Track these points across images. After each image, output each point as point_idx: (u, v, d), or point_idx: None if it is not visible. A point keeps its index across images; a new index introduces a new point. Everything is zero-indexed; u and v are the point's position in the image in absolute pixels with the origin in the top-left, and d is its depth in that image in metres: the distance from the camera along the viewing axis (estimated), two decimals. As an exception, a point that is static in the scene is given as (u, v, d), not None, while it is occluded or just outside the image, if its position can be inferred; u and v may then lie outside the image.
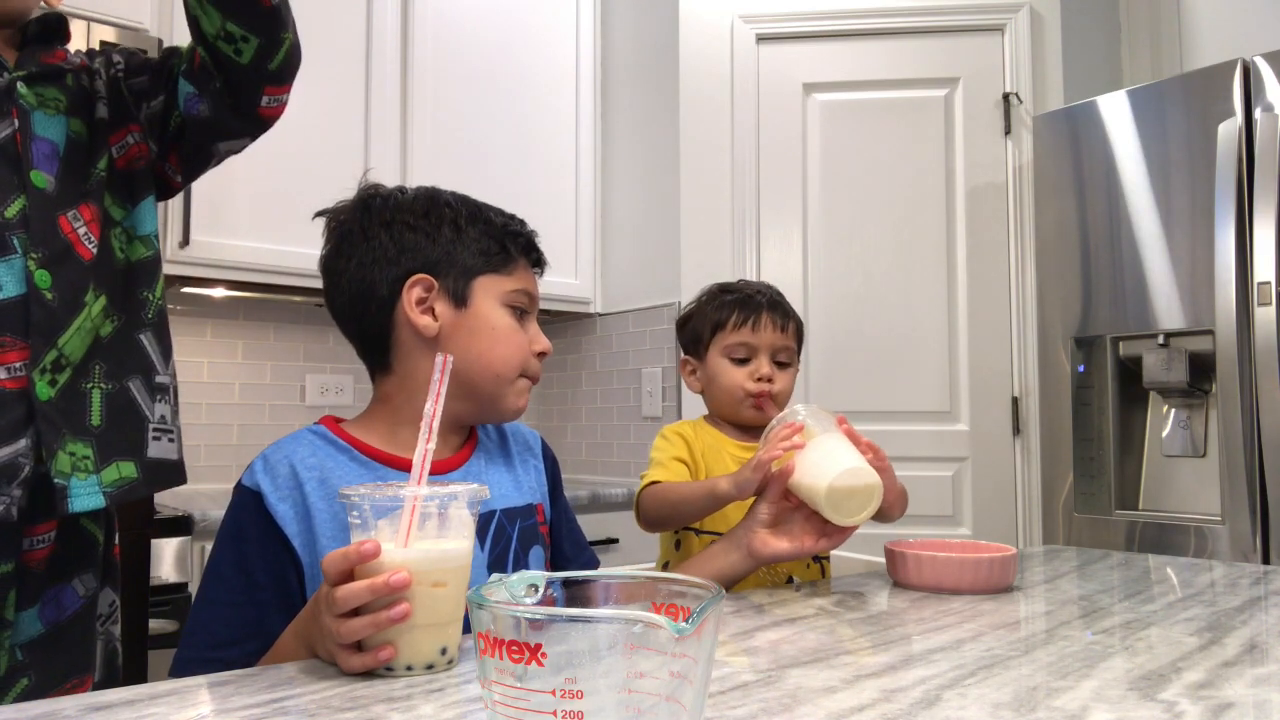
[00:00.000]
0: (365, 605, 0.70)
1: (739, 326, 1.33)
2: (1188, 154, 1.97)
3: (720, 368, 1.35)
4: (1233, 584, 1.13)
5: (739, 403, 1.34)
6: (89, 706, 0.64)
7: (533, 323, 1.04)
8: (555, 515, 1.11)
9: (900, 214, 2.53)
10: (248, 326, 2.53)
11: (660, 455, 1.33)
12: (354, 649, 0.71)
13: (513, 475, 1.06)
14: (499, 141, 2.62)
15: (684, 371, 1.43)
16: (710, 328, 1.36)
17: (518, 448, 1.10)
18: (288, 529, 0.90)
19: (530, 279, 1.04)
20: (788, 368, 1.37)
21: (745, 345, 1.33)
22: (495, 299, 1.00)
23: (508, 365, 0.99)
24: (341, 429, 0.98)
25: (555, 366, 3.05)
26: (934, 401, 2.47)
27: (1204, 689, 0.66)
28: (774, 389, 1.33)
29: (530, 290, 1.03)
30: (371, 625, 0.69)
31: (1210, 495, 1.95)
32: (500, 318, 1.00)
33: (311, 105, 2.30)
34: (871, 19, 2.55)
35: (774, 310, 1.35)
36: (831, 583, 1.15)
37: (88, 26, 1.92)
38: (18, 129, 1.03)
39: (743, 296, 1.36)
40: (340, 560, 0.71)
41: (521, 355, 1.00)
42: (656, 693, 0.45)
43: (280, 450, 0.94)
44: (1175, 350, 1.99)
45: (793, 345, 1.37)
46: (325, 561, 0.72)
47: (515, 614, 0.45)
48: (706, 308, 1.39)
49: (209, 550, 1.81)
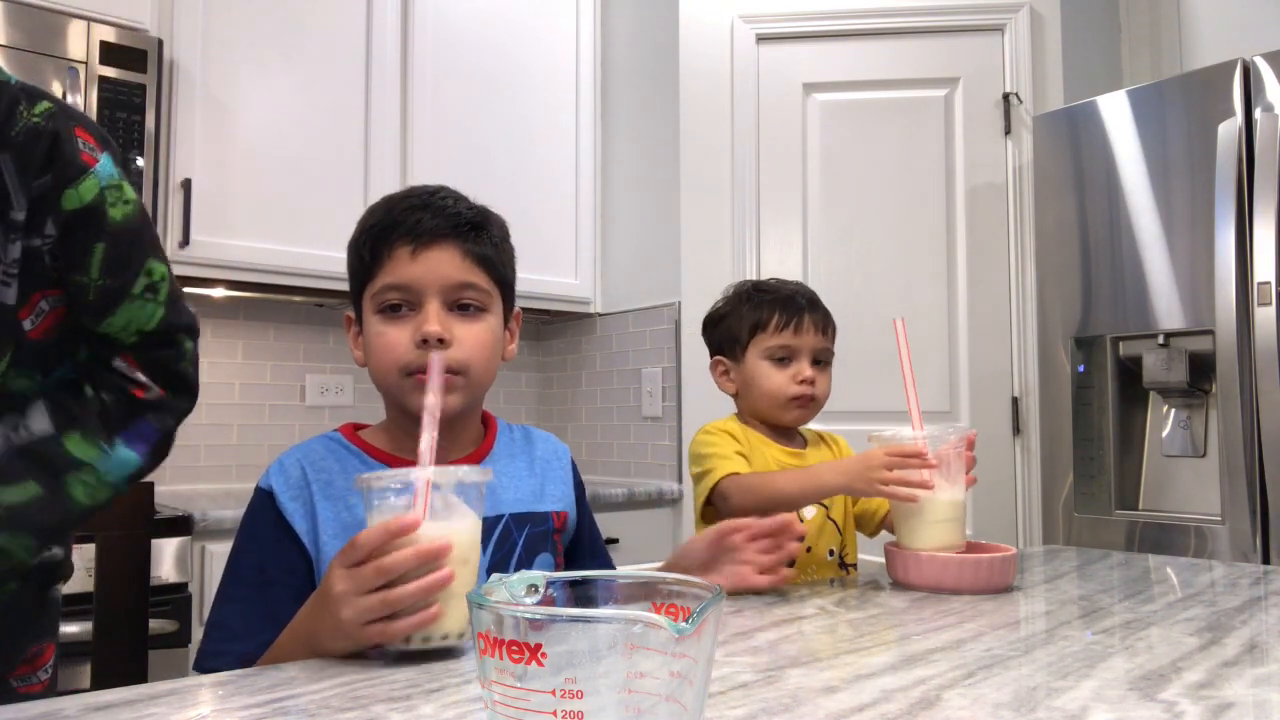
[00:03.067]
0: (399, 579, 0.74)
1: (781, 329, 1.32)
2: (1188, 154, 1.97)
3: (760, 370, 1.33)
4: (1233, 584, 1.13)
5: (781, 406, 1.32)
6: (89, 706, 0.64)
7: (422, 311, 0.93)
8: (579, 527, 1.11)
9: (900, 214, 2.52)
10: (248, 326, 2.53)
11: (721, 449, 1.29)
12: (386, 621, 0.74)
13: (532, 481, 1.06)
14: (499, 141, 2.62)
15: (716, 373, 1.40)
16: (749, 329, 1.34)
17: (545, 456, 1.10)
18: (297, 526, 0.93)
19: (398, 266, 0.94)
20: (826, 368, 1.36)
21: (787, 347, 1.32)
22: (369, 310, 0.97)
23: (382, 371, 0.96)
24: (357, 435, 1.01)
25: (555, 367, 3.06)
26: (934, 401, 2.47)
27: (1204, 689, 0.66)
28: (815, 391, 1.32)
29: (394, 280, 0.94)
30: (420, 590, 0.73)
31: (1210, 495, 1.94)
32: (371, 325, 0.96)
33: (311, 105, 2.31)
34: (871, 19, 2.55)
35: (814, 311, 1.35)
36: (832, 583, 1.15)
37: (88, 26, 1.92)
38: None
39: (782, 297, 1.35)
40: (381, 534, 0.74)
41: (391, 356, 0.94)
42: (656, 693, 0.45)
43: (295, 453, 0.98)
44: (1175, 350, 1.99)
45: (831, 346, 1.37)
46: (362, 537, 0.75)
47: (515, 614, 0.45)
48: (743, 308, 1.36)
49: (209, 550, 1.82)
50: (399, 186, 2.39)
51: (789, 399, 1.31)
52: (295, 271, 2.25)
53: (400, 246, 0.94)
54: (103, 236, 0.82)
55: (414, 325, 0.93)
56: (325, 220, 2.30)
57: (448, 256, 0.94)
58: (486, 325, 0.98)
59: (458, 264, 0.95)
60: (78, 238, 0.80)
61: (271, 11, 2.24)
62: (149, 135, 1.99)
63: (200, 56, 2.13)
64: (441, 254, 0.94)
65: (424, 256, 0.93)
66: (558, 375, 3.04)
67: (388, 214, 0.96)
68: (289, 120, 2.27)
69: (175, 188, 2.08)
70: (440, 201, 0.96)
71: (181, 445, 2.39)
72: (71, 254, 0.81)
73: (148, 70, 1.99)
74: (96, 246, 0.82)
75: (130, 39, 1.98)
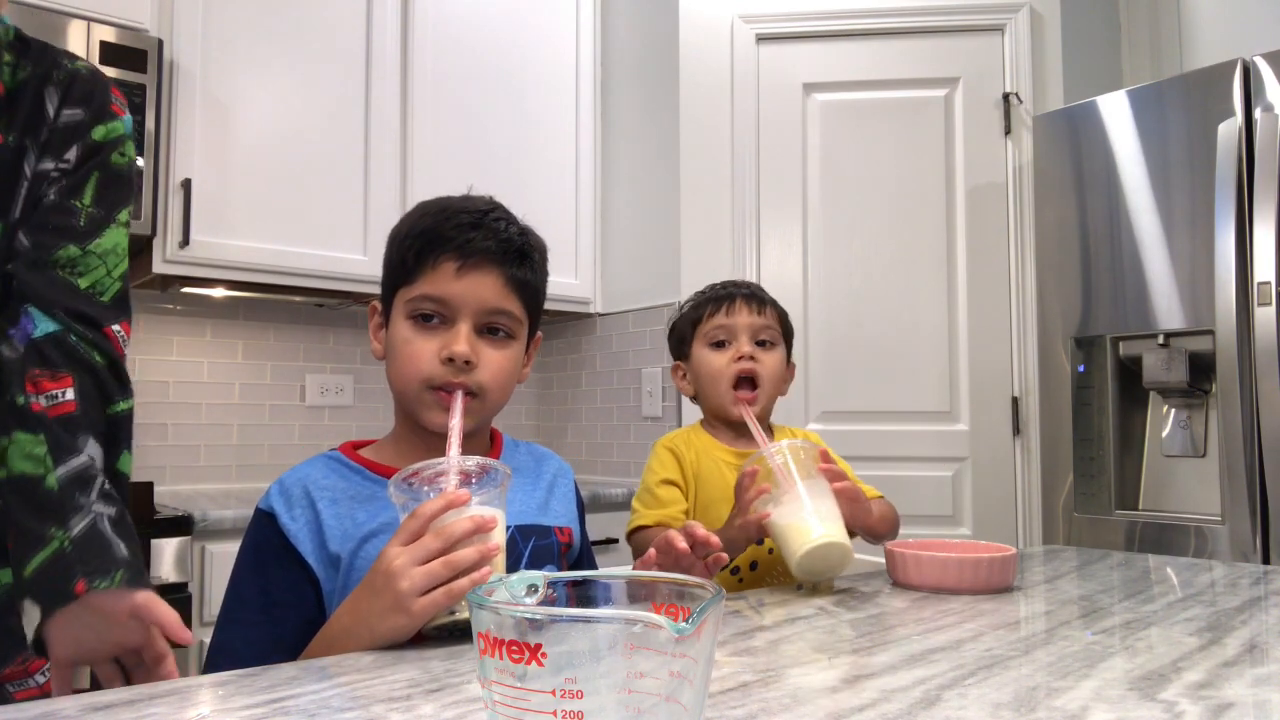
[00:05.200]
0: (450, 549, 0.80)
1: (714, 314, 1.35)
2: (1188, 154, 1.97)
3: (703, 357, 1.36)
4: (1233, 584, 1.13)
5: (725, 391, 1.33)
6: (89, 706, 0.64)
7: (454, 328, 0.95)
8: (581, 548, 1.12)
9: (900, 214, 2.52)
10: (248, 326, 2.53)
11: (650, 479, 1.34)
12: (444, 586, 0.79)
13: (538, 495, 1.07)
14: (499, 142, 2.62)
15: (675, 377, 1.44)
16: (691, 325, 1.38)
17: (549, 473, 1.11)
18: (301, 547, 0.92)
19: (440, 279, 0.94)
20: (773, 349, 1.36)
21: (723, 328, 1.34)
22: (401, 313, 0.97)
23: (403, 380, 0.96)
24: (356, 454, 1.01)
25: (555, 367, 3.06)
26: (934, 401, 2.47)
27: (1204, 689, 0.66)
28: (757, 367, 1.32)
29: (434, 292, 0.94)
30: (478, 554, 0.80)
31: (1210, 495, 1.94)
32: (400, 331, 0.96)
33: (311, 105, 2.31)
34: (871, 19, 2.55)
35: (748, 293, 1.37)
36: (832, 582, 1.15)
37: (88, 26, 1.92)
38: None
39: (717, 290, 1.39)
40: (441, 502, 0.81)
41: (416, 368, 0.94)
42: (656, 693, 0.45)
43: (294, 474, 0.97)
44: (1175, 350, 1.99)
45: (774, 326, 1.37)
46: (423, 507, 0.81)
47: (515, 614, 0.45)
48: (687, 309, 1.41)
49: (209, 550, 1.82)
50: (399, 186, 2.43)
51: (731, 379, 1.32)
52: (295, 271, 2.25)
53: (446, 261, 0.94)
54: (104, 171, 0.94)
55: (442, 341, 0.94)
56: (325, 220, 2.30)
57: (490, 280, 0.96)
58: (511, 353, 0.99)
59: (498, 290, 0.96)
60: (87, 166, 0.92)
61: (271, 11, 2.24)
62: (149, 135, 2.00)
63: (200, 56, 2.13)
64: (484, 277, 0.95)
65: (467, 277, 0.95)
66: (558, 375, 3.04)
67: (439, 223, 0.96)
68: (289, 120, 2.27)
69: (175, 188, 2.08)
70: (493, 223, 0.97)
71: (181, 445, 2.41)
72: (76, 180, 0.92)
73: (148, 70, 1.99)
74: (94, 175, 0.93)
75: (130, 39, 1.98)
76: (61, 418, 0.83)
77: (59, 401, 0.84)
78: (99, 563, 0.72)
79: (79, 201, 0.92)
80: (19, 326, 0.88)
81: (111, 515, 0.79)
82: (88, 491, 0.79)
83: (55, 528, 0.75)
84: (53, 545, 0.74)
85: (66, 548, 0.72)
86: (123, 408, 0.90)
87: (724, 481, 1.33)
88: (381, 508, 0.93)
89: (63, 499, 0.77)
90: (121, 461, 0.89)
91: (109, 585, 0.70)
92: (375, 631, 0.80)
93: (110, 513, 0.79)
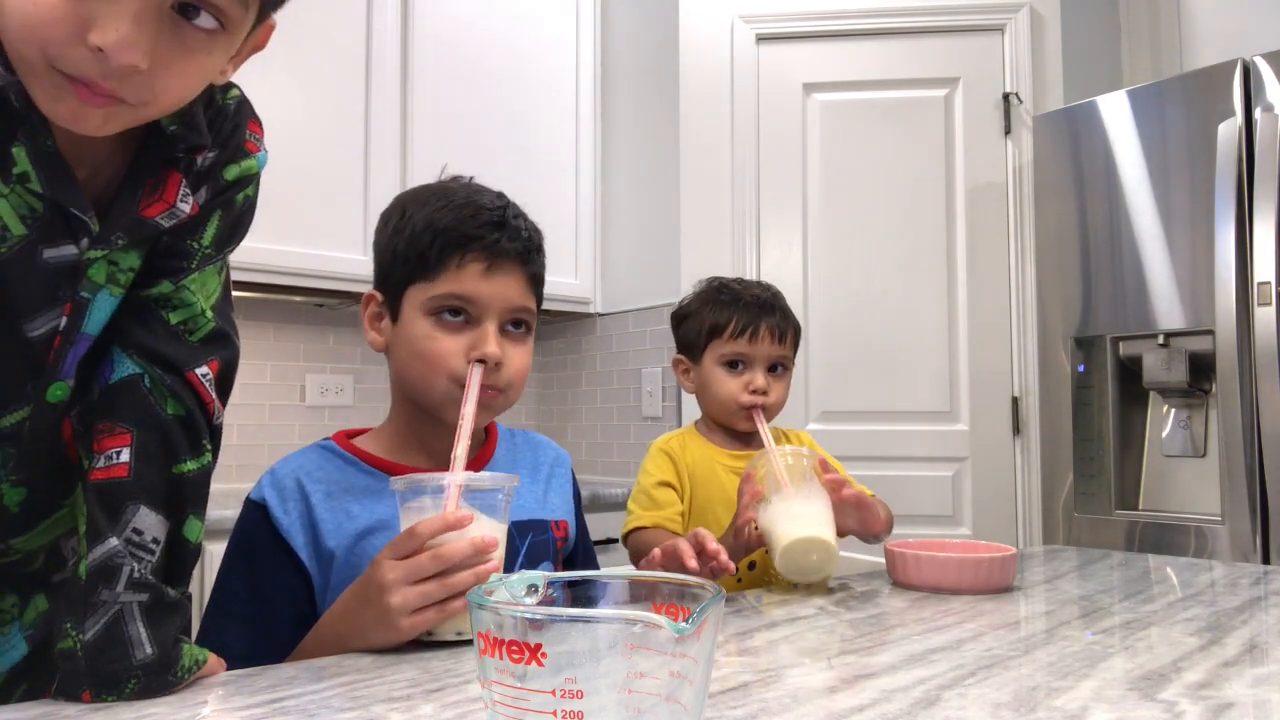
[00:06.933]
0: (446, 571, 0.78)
1: (736, 336, 1.31)
2: (1188, 154, 1.97)
3: (714, 376, 1.33)
4: (1233, 584, 1.13)
5: (731, 412, 1.33)
6: (89, 706, 0.64)
7: (482, 326, 0.94)
8: (577, 539, 1.11)
9: (900, 214, 2.52)
10: (248, 326, 2.53)
11: (646, 481, 1.34)
12: (437, 607, 0.79)
13: (536, 489, 1.06)
14: (499, 141, 2.62)
15: (677, 370, 1.42)
16: (707, 332, 1.34)
17: (547, 464, 1.10)
18: (294, 541, 0.91)
19: (466, 279, 0.93)
20: (784, 374, 1.36)
21: (741, 355, 1.32)
22: (418, 309, 0.94)
23: (428, 378, 0.94)
24: (350, 443, 1.00)
25: (555, 367, 3.05)
26: (934, 402, 2.47)
27: (1204, 689, 0.66)
28: (767, 401, 1.31)
29: (461, 292, 0.93)
30: (475, 577, 0.78)
31: (1210, 495, 1.94)
32: (420, 328, 0.94)
33: (312, 105, 2.31)
34: (871, 19, 2.55)
35: (772, 317, 1.33)
36: (825, 583, 1.15)
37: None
38: (62, 329, 0.75)
39: (742, 302, 1.34)
40: (439, 524, 0.79)
41: (444, 365, 0.93)
42: (656, 693, 0.45)
43: (287, 465, 0.96)
44: (1175, 350, 1.99)
45: (789, 353, 1.36)
46: (420, 527, 0.79)
47: (515, 614, 0.45)
48: (704, 309, 1.37)
49: (209, 550, 1.81)
50: (399, 187, 2.42)
51: (740, 407, 1.31)
52: (295, 271, 2.25)
53: (473, 262, 0.94)
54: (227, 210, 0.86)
55: (469, 340, 0.93)
56: (325, 220, 2.30)
57: (514, 280, 0.96)
58: (529, 347, 1.00)
59: (521, 288, 0.97)
60: (211, 204, 0.84)
61: (271, 11, 2.24)
62: (149, 135, 1.99)
63: (200, 56, 2.13)
64: (509, 277, 0.96)
65: (495, 278, 0.94)
66: (558, 375, 3.04)
67: (461, 221, 0.94)
68: (289, 120, 2.27)
69: (175, 188, 2.08)
70: (513, 221, 0.97)
71: (181, 445, 2.40)
72: (198, 219, 0.83)
73: (148, 70, 1.99)
74: (216, 214, 0.84)
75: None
76: (109, 484, 0.73)
77: (112, 464, 0.74)
78: (111, 671, 0.67)
79: (196, 242, 0.82)
80: (99, 370, 0.78)
81: (144, 602, 0.70)
82: (113, 583, 0.70)
83: (72, 625, 0.70)
84: (67, 643, 0.69)
85: (79, 652, 0.68)
86: (190, 468, 0.80)
87: (719, 484, 1.33)
88: (376, 501, 0.92)
89: (86, 592, 0.69)
90: (187, 528, 0.78)
91: (116, 699, 0.67)
92: (366, 640, 0.80)
93: (142, 599, 0.70)
